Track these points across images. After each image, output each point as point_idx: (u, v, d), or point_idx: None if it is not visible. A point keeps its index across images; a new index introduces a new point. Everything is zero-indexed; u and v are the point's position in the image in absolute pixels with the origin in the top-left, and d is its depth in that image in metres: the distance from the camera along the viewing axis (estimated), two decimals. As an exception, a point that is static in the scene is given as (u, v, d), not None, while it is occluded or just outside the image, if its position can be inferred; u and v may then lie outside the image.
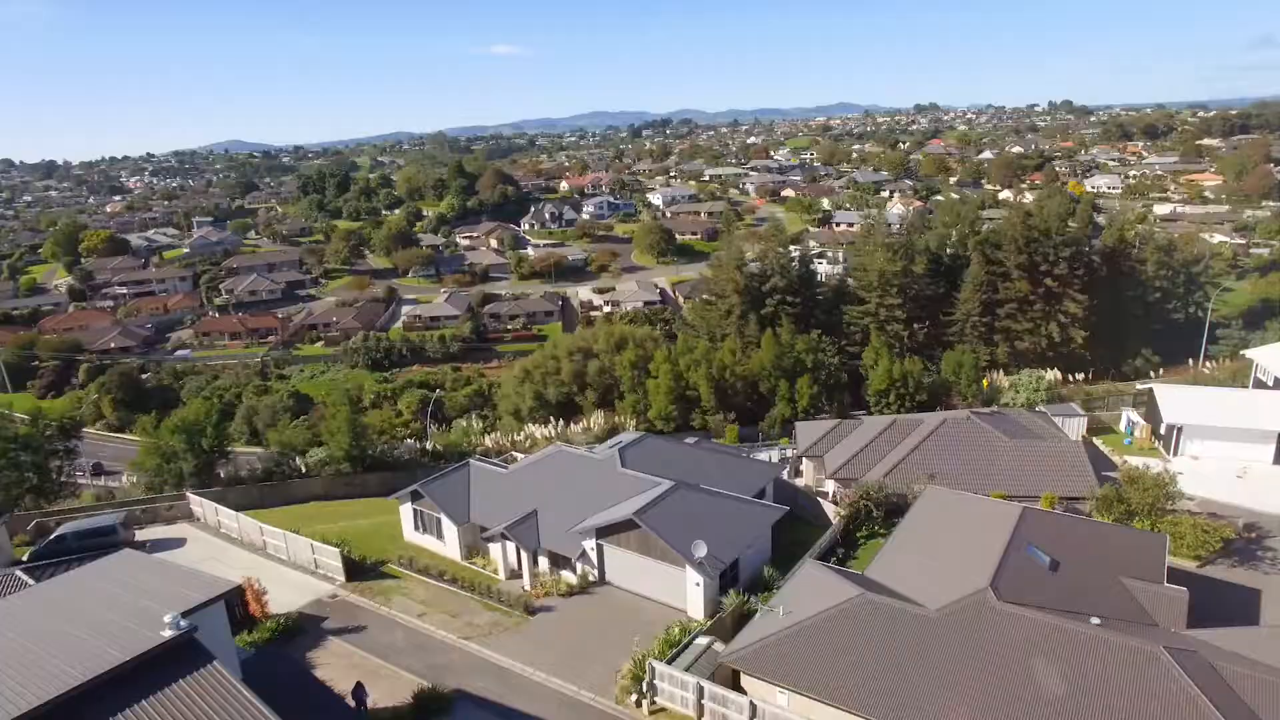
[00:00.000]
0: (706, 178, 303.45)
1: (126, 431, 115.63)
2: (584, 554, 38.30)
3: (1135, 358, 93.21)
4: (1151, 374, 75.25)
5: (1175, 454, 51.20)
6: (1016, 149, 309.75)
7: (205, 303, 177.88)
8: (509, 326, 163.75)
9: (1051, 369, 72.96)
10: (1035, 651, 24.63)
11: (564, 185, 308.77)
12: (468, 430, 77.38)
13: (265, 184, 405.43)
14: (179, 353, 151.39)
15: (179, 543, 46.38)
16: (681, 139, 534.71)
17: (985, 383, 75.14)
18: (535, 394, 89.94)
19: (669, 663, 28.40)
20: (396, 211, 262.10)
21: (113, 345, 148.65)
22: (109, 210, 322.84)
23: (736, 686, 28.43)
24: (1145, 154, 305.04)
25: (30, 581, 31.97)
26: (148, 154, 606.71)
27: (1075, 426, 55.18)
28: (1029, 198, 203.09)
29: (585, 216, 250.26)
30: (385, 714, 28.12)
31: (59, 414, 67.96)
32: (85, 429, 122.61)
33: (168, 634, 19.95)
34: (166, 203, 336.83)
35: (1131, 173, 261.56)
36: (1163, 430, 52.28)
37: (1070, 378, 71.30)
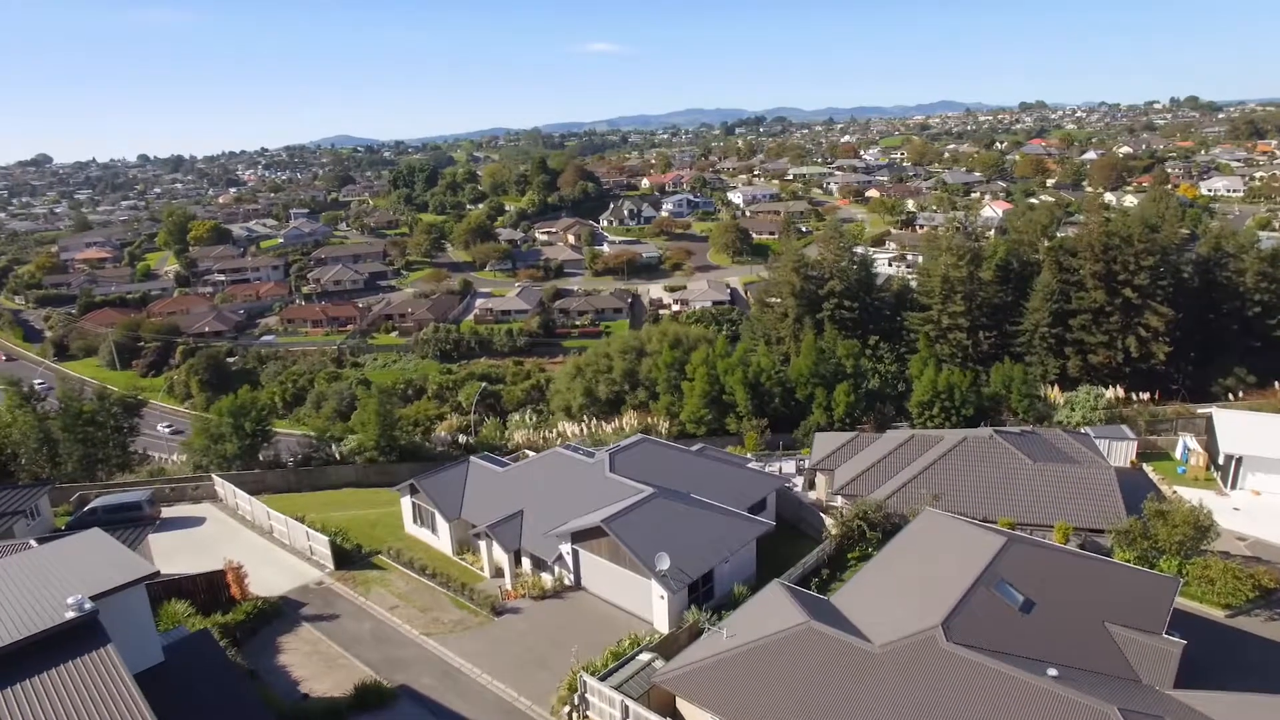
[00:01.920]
0: (790, 177, 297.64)
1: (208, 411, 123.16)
2: (560, 558, 37.89)
3: (1226, 377, 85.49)
4: (1229, 396, 68.67)
5: (1233, 487, 46.49)
6: (1125, 149, 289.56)
7: (293, 291, 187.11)
8: (577, 322, 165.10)
9: (1114, 386, 67.76)
10: (975, 700, 22.58)
11: (645, 182, 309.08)
12: (498, 424, 78.45)
13: (365, 177, 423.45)
14: (264, 338, 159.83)
15: (199, 521, 48.59)
16: (775, 137, 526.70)
17: (1052, 395, 70.65)
18: (585, 390, 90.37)
19: (603, 678, 27.63)
20: (480, 206, 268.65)
21: (207, 329, 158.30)
22: (220, 201, 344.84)
23: (674, 708, 27.41)
24: (1278, 153, 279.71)
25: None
26: (262, 148, 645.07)
27: (1123, 450, 50.95)
28: (1132, 201, 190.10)
29: (664, 214, 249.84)
30: (321, 704, 28.47)
31: (122, 391, 72.44)
32: (175, 407, 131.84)
33: (70, 615, 20.66)
34: (272, 195, 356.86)
35: (1258, 174, 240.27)
36: (1221, 460, 47.53)
37: (1134, 396, 65.90)
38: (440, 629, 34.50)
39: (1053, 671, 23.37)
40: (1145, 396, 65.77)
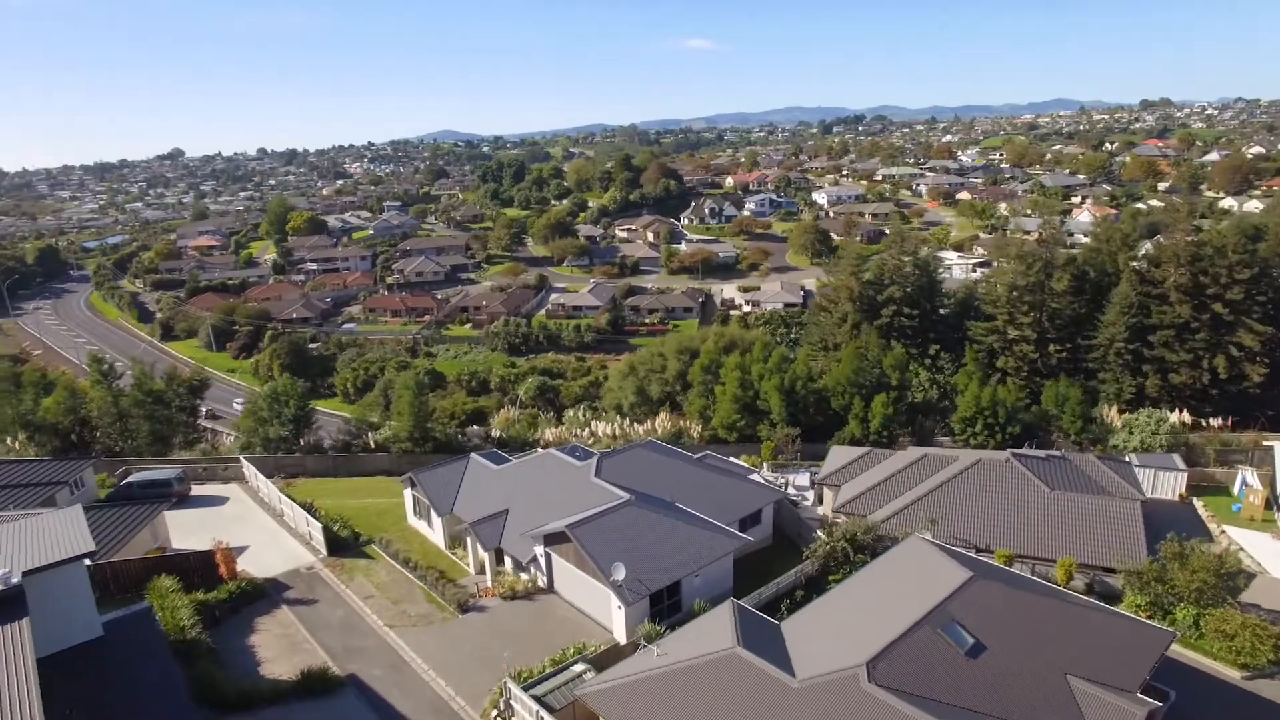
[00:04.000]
0: (879, 177, 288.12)
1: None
2: (535, 559, 37.77)
3: (1339, 404, 77.03)
4: (1319, 428, 61.79)
5: (1291, 530, 41.72)
6: (1256, 149, 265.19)
7: (378, 281, 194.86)
8: (646, 320, 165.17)
9: (1180, 410, 62.14)
10: (884, 748, 20.99)
11: (729, 181, 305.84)
12: (549, 420, 79.24)
13: (462, 172, 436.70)
14: (346, 326, 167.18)
15: (222, 500, 51.14)
16: (873, 136, 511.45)
17: (1111, 416, 65.56)
18: (637, 389, 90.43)
19: (529, 687, 27.29)
20: (564, 201, 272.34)
21: (294, 315, 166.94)
22: (324, 193, 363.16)
23: (600, 722, 26.79)
24: None
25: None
26: (368, 142, 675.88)
27: (1171, 482, 46.64)
28: (1256, 206, 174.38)
29: (746, 213, 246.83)
30: (268, 686, 29.28)
31: (189, 374, 77.05)
32: (258, 388, 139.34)
33: (-2, 588, 21.98)
34: (371, 187, 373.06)
35: None
36: (1280, 499, 42.81)
37: (1204, 423, 60.25)
38: (404, 622, 34.99)
39: (978, 725, 21.46)
40: (1217, 423, 59.97)
